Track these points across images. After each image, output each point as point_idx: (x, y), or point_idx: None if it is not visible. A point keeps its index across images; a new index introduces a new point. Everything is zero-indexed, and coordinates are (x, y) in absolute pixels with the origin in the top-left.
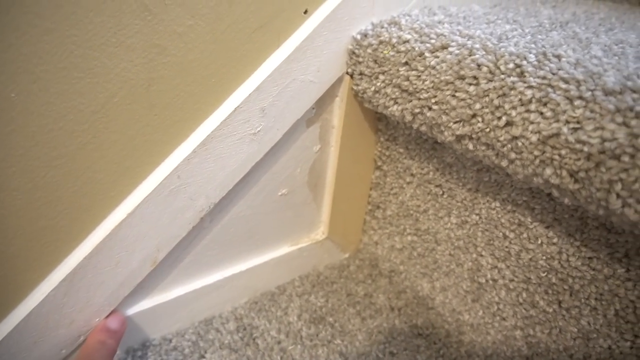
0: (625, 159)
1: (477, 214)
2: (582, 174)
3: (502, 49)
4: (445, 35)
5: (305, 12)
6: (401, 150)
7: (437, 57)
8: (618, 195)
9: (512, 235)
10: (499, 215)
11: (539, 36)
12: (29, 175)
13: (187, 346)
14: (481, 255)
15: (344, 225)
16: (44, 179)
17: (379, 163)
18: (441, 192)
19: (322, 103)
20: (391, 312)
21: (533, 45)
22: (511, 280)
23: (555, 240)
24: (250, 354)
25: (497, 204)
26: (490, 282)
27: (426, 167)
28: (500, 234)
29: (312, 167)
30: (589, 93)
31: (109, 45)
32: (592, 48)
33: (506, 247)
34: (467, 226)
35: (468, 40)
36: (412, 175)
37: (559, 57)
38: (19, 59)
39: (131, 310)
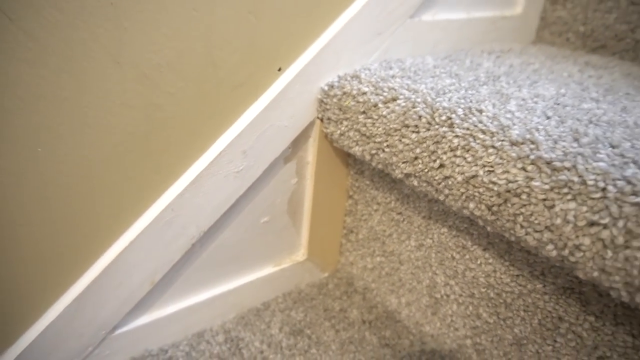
0: (524, 197)
1: (430, 238)
2: (495, 208)
3: (438, 104)
4: (395, 89)
5: (279, 69)
6: (367, 182)
7: (388, 107)
8: (521, 226)
9: (457, 256)
10: (447, 239)
11: (470, 91)
12: (46, 211)
13: (181, 356)
14: (436, 274)
15: (322, 247)
16: (60, 214)
17: (351, 193)
18: (402, 219)
19: (297, 143)
20: (362, 325)
21: (463, 100)
22: (460, 296)
23: (490, 260)
24: None
25: (445, 230)
26: (445, 297)
27: (389, 197)
28: (449, 255)
29: (290, 197)
30: (499, 143)
31: (115, 106)
32: (510, 103)
33: (454, 266)
34: (424, 249)
35: (413, 94)
36: (378, 204)
37: (481, 111)
38: (44, 121)
39: (132, 325)
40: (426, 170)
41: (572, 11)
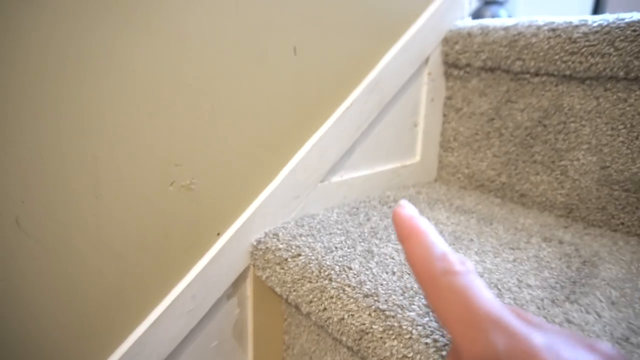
0: (370, 335)
1: (339, 356)
2: (357, 342)
3: (324, 261)
4: (299, 247)
5: (218, 234)
6: (294, 309)
7: (294, 261)
8: (372, 355)
9: None
10: (348, 357)
11: (349, 249)
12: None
13: None
14: None
15: None
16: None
17: (285, 316)
18: (320, 339)
19: (237, 283)
20: None
21: (341, 259)
22: None
23: None
24: None
25: (345, 350)
26: None
27: (309, 322)
28: None
29: (235, 324)
30: (357, 295)
31: (92, 272)
32: (373, 260)
33: None
34: None
35: (310, 252)
36: (304, 326)
37: (350, 269)
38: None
39: None
40: (317, 311)
41: (458, 158)
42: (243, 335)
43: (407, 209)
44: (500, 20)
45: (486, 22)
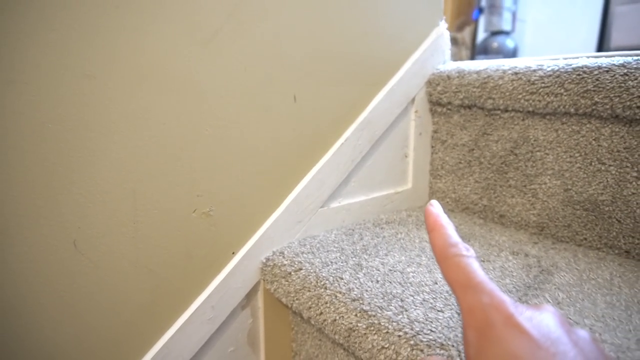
0: (356, 332)
1: (338, 357)
2: (347, 338)
3: (321, 273)
4: (301, 262)
5: (233, 253)
6: (299, 318)
7: (296, 274)
8: (359, 349)
9: None
10: (344, 357)
11: (342, 263)
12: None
13: None
14: None
15: None
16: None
17: (292, 325)
18: (322, 344)
19: (250, 295)
20: None
21: (334, 271)
22: None
23: None
24: None
25: (342, 350)
26: None
27: (312, 328)
28: None
29: (249, 332)
30: (345, 300)
31: (129, 288)
32: (361, 271)
33: None
34: None
35: (310, 266)
36: (308, 333)
37: (341, 279)
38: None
39: None
40: (315, 315)
41: (446, 184)
42: (256, 343)
43: (436, 208)
44: (473, 64)
45: (462, 65)
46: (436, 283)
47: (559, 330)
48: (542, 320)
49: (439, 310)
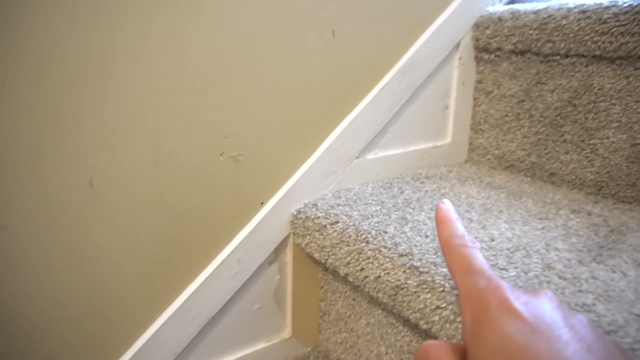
0: (405, 290)
1: (373, 318)
2: (392, 297)
3: (361, 226)
4: (337, 215)
5: (262, 203)
6: (331, 276)
7: (332, 228)
8: (406, 309)
9: (389, 330)
10: (382, 318)
11: (384, 217)
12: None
13: None
14: (379, 345)
15: (303, 327)
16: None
17: (322, 284)
18: (355, 304)
19: (278, 250)
20: None
21: (377, 225)
22: None
23: (408, 333)
24: None
25: (380, 311)
26: None
27: (345, 287)
28: (385, 330)
29: (275, 289)
30: (392, 255)
31: (151, 236)
32: (407, 225)
33: (389, 339)
34: (370, 326)
35: (348, 219)
36: (340, 292)
37: (385, 232)
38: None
39: None
40: (354, 271)
41: (488, 140)
42: (282, 300)
43: (446, 204)
44: (530, 4)
45: (517, 7)
46: (493, 240)
47: (555, 314)
48: (538, 304)
49: (502, 268)
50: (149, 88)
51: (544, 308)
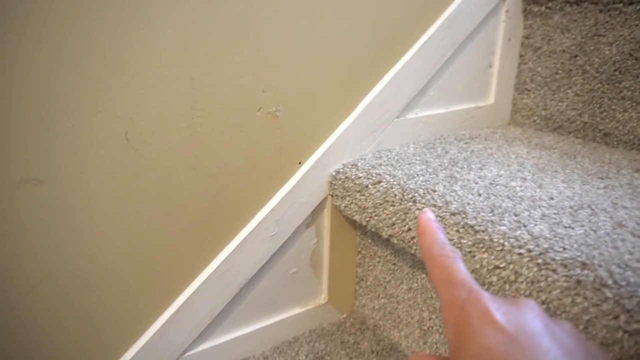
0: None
1: (416, 282)
2: None
3: (407, 186)
4: (380, 175)
5: (300, 163)
6: (369, 240)
7: (375, 188)
8: None
9: (435, 295)
10: (426, 283)
11: (432, 176)
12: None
13: None
14: (422, 311)
15: (339, 293)
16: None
17: (359, 249)
18: (396, 268)
19: (315, 212)
20: (372, 354)
21: (424, 183)
22: (440, 327)
23: None
24: None
25: (424, 275)
26: (430, 329)
27: (385, 251)
28: (429, 295)
29: (312, 253)
30: (443, 214)
31: (190, 195)
32: (456, 184)
33: (433, 304)
34: (412, 291)
35: (392, 178)
36: (378, 257)
37: (434, 191)
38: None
39: (197, 349)
40: (400, 232)
41: (535, 100)
42: (318, 265)
43: (428, 214)
44: None
45: None
46: (552, 198)
47: (536, 323)
48: (518, 314)
49: (567, 227)
50: (185, 36)
51: (524, 317)
